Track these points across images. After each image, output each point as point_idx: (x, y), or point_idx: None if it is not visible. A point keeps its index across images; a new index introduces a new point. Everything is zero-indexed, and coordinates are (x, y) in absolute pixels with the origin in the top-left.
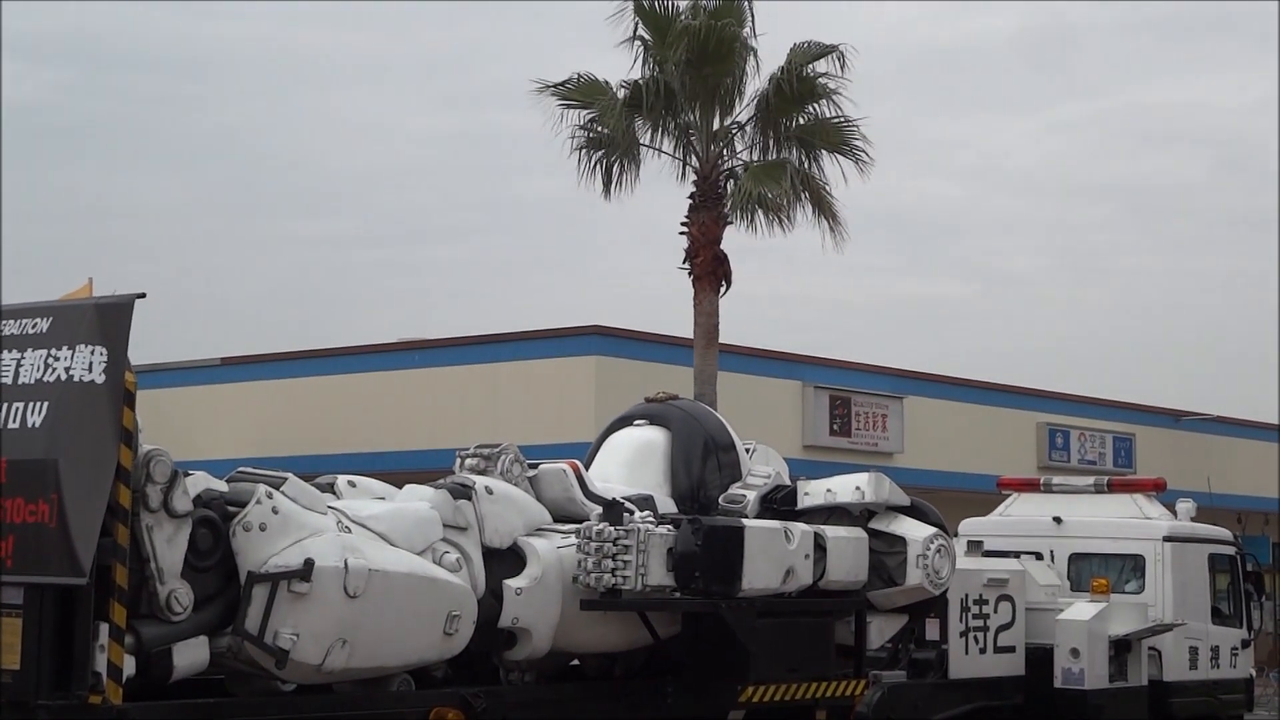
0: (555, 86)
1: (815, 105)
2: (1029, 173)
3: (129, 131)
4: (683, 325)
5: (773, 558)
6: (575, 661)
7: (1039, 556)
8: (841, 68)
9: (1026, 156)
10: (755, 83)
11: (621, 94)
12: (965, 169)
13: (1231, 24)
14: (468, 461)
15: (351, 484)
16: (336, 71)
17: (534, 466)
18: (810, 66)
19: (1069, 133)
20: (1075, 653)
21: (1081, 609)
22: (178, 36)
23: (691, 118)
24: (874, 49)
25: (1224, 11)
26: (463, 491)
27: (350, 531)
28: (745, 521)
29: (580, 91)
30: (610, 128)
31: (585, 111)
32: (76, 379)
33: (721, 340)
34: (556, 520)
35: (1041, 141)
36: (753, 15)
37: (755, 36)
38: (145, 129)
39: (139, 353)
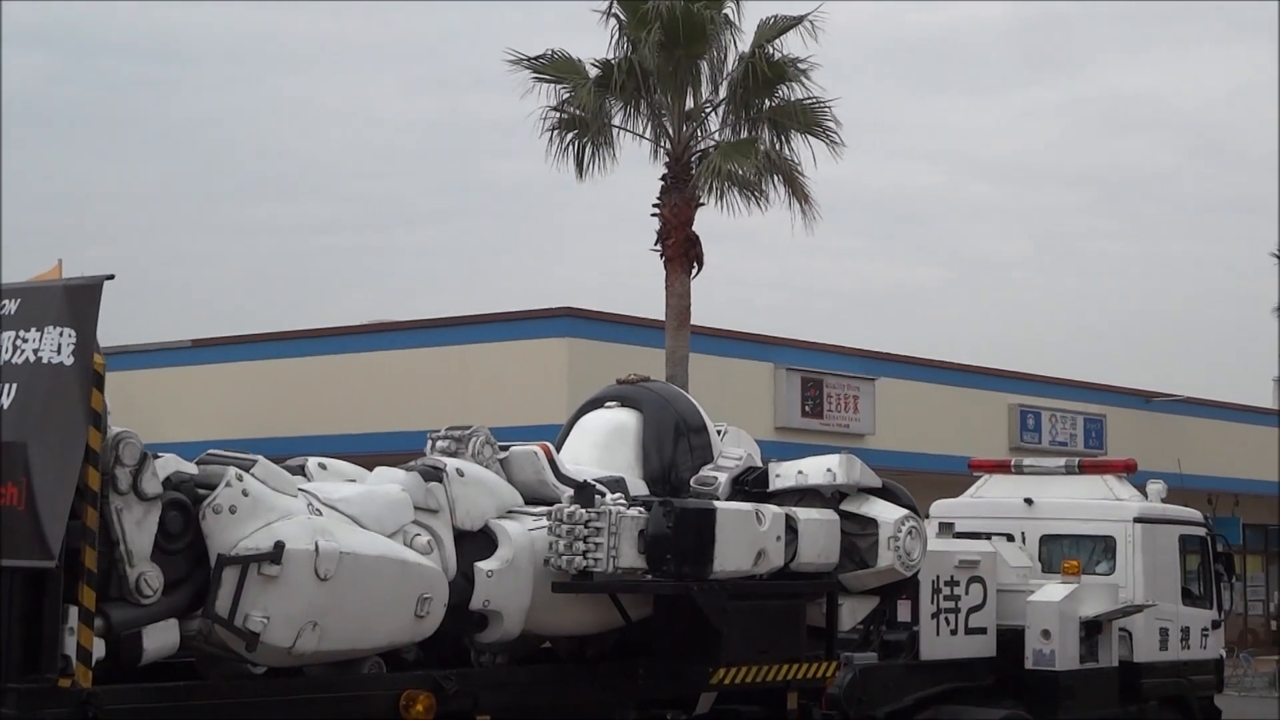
0: (530, 60)
1: (786, 86)
2: (1006, 158)
3: (102, 117)
4: (654, 307)
5: (744, 540)
6: (547, 644)
7: (1010, 538)
8: (813, 38)
9: (1004, 142)
10: (729, 64)
11: (594, 74)
12: (942, 154)
13: (1209, 12)
14: (439, 444)
15: (322, 466)
16: (309, 56)
17: (505, 449)
18: (780, 41)
19: (1046, 118)
20: (1046, 634)
21: (1052, 590)
22: (151, 22)
23: (663, 98)
24: (853, 34)
25: None
26: (434, 474)
27: (321, 514)
28: (717, 504)
29: (554, 67)
30: (582, 108)
31: (558, 87)
32: (45, 361)
33: (693, 322)
34: (528, 502)
35: (1019, 127)
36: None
37: (738, 12)
38: (119, 114)
39: (109, 335)
